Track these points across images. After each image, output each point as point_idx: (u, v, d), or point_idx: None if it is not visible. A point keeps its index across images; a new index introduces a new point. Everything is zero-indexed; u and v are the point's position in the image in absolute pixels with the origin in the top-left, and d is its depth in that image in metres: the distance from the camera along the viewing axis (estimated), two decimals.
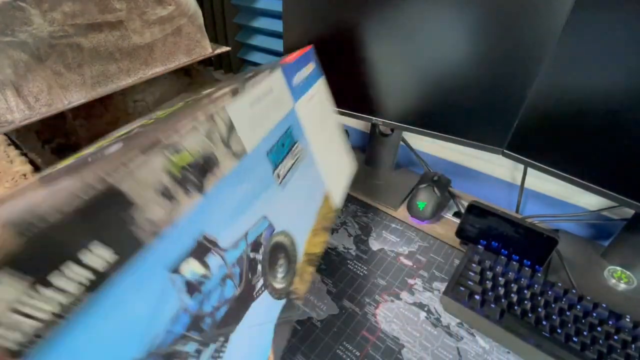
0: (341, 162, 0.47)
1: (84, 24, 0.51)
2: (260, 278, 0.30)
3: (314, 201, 0.39)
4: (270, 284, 0.31)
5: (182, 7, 0.67)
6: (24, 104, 0.49)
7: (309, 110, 0.43)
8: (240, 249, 0.28)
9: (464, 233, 0.58)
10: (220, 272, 0.26)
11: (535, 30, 0.45)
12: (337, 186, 0.43)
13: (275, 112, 0.37)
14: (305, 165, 0.40)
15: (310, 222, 0.38)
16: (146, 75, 0.65)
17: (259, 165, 0.32)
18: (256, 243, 0.30)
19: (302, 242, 0.36)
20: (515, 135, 0.53)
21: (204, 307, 0.24)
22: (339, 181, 0.44)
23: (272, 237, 0.32)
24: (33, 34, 0.46)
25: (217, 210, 0.26)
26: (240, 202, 0.29)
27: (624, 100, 0.42)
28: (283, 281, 0.33)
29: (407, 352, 0.44)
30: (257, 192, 0.31)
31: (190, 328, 0.22)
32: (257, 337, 0.29)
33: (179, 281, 0.22)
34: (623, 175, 0.46)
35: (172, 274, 0.21)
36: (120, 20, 0.56)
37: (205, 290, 0.24)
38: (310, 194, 0.39)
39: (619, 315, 0.43)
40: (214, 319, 0.24)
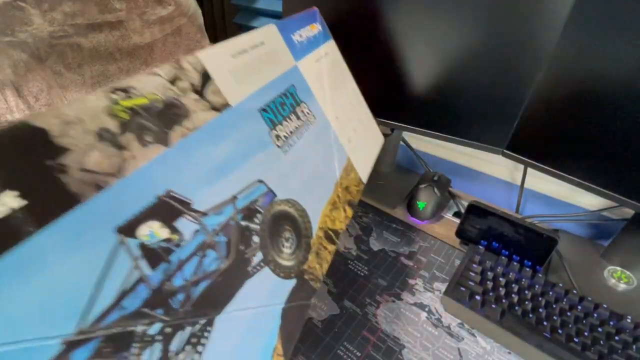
0: (366, 133, 0.43)
1: (84, 24, 0.51)
2: (257, 251, 0.26)
3: (331, 170, 0.36)
4: (273, 259, 0.27)
5: (182, 7, 0.67)
6: (24, 104, 0.49)
7: (318, 72, 0.41)
8: (226, 215, 0.24)
9: (464, 233, 0.58)
10: (197, 239, 0.22)
11: (535, 30, 0.45)
12: (362, 158, 0.39)
13: (270, 67, 0.34)
14: (318, 130, 0.36)
15: (326, 193, 0.34)
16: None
17: (248, 122, 0.29)
18: (250, 210, 0.27)
19: (317, 215, 0.32)
20: (515, 135, 0.53)
21: (173, 280, 0.20)
22: (364, 153, 0.40)
23: (272, 205, 0.28)
24: (33, 34, 0.46)
25: (190, 167, 0.23)
26: (224, 160, 0.26)
27: (624, 100, 0.42)
28: (292, 257, 0.29)
29: (408, 353, 0.44)
30: (248, 153, 0.28)
31: (152, 304, 0.18)
32: (257, 322, 0.24)
33: (132, 245, 0.18)
34: (623, 175, 0.46)
35: (121, 236, 0.18)
36: (120, 20, 0.56)
37: (174, 259, 0.20)
38: (326, 162, 0.36)
39: (619, 316, 0.43)
40: (188, 296, 0.20)
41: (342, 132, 0.40)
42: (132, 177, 0.19)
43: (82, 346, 0.15)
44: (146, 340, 0.17)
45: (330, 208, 0.34)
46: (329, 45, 0.46)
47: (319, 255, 0.31)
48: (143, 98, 0.22)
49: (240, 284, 0.24)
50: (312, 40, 0.42)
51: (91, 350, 0.15)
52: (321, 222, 0.32)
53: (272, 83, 0.34)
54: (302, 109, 0.36)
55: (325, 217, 0.33)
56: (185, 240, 0.21)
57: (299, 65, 0.38)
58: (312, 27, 0.44)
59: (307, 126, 0.36)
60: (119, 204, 0.18)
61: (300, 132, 0.35)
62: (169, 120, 0.23)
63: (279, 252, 0.28)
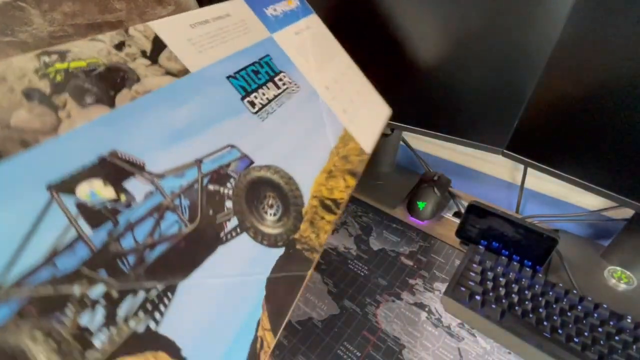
0: (367, 104, 0.42)
1: (84, 24, 0.51)
2: (231, 216, 0.25)
3: (323, 139, 0.34)
4: (252, 225, 0.26)
5: (182, 7, 0.67)
6: None
7: (299, 44, 0.40)
8: (188, 178, 0.24)
9: (464, 233, 0.58)
10: (151, 201, 0.21)
11: (535, 30, 0.45)
12: (362, 129, 0.38)
13: (238, 38, 0.34)
14: (302, 99, 0.36)
15: (319, 161, 0.33)
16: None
17: (214, 88, 0.29)
18: (219, 174, 0.26)
19: (308, 183, 0.31)
20: (515, 135, 0.53)
21: (122, 241, 0.19)
22: (365, 124, 0.39)
23: (248, 171, 0.28)
24: (33, 34, 0.46)
25: (141, 129, 0.22)
26: (183, 124, 0.25)
27: (624, 100, 0.42)
28: (278, 225, 0.27)
29: (408, 353, 0.44)
30: (215, 118, 0.27)
31: (93, 265, 0.17)
32: (235, 291, 0.22)
33: (68, 203, 0.17)
34: (623, 175, 0.46)
35: (56, 192, 0.17)
36: (120, 20, 0.55)
37: (122, 220, 0.19)
38: (315, 131, 0.35)
39: (620, 316, 0.43)
40: (141, 259, 0.19)
41: (334, 103, 0.39)
42: (67, 135, 0.19)
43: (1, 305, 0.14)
44: (85, 303, 0.16)
45: (325, 177, 0.32)
46: (310, 19, 0.46)
47: (313, 225, 0.29)
48: (80, 61, 0.21)
49: (210, 249, 0.23)
50: (288, 13, 0.42)
51: (12, 310, 0.14)
52: (315, 191, 0.31)
53: (242, 52, 0.33)
54: (281, 77, 0.36)
55: (320, 185, 0.32)
56: (137, 202, 0.20)
57: (274, 37, 0.38)
58: (289, 2, 0.44)
59: (289, 95, 0.35)
60: (51, 162, 0.18)
61: (280, 100, 0.34)
62: (115, 83, 0.23)
63: (259, 219, 0.27)
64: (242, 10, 0.38)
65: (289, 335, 0.46)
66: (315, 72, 0.40)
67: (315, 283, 0.53)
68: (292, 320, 0.48)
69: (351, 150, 0.37)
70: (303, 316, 0.48)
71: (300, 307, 0.49)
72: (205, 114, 0.27)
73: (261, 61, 0.35)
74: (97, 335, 0.16)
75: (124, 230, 0.19)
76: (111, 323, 0.17)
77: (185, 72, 0.27)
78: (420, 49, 0.54)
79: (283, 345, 0.45)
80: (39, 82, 0.19)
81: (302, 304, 0.50)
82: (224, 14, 0.34)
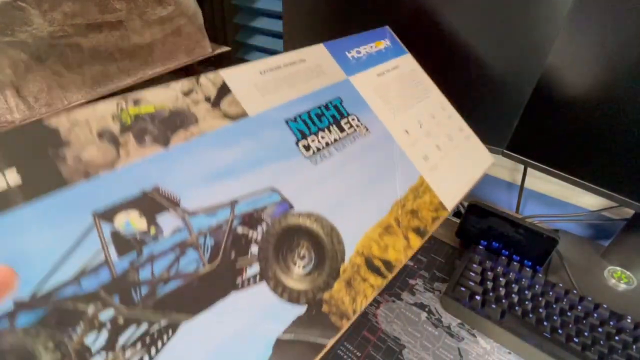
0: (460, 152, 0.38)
1: (84, 24, 0.51)
2: (254, 263, 0.24)
3: (388, 189, 0.31)
4: (275, 275, 0.24)
5: (182, 7, 0.67)
6: (24, 104, 0.49)
7: (380, 85, 0.38)
8: (219, 218, 0.23)
9: (464, 233, 0.58)
10: (178, 236, 0.21)
11: (536, 30, 0.45)
12: (447, 180, 0.35)
13: (308, 82, 0.33)
14: (371, 143, 0.33)
15: (376, 213, 0.29)
16: (146, 75, 0.65)
17: (270, 131, 0.28)
18: (252, 217, 0.25)
19: (356, 236, 0.28)
20: (515, 135, 0.53)
21: (140, 272, 0.19)
22: (452, 175, 0.35)
23: (286, 216, 0.26)
24: (33, 34, 0.46)
25: (185, 167, 0.23)
26: (229, 164, 0.25)
27: (624, 100, 0.42)
28: (305, 279, 0.25)
29: (408, 353, 0.44)
30: (263, 160, 0.27)
31: (110, 290, 0.18)
32: (238, 343, 0.21)
33: (106, 230, 0.19)
34: (623, 175, 0.46)
35: (98, 219, 0.19)
36: (120, 20, 0.56)
37: (146, 251, 0.20)
38: (380, 178, 0.32)
39: (620, 316, 0.43)
40: (153, 292, 0.19)
41: (414, 148, 0.36)
42: (121, 170, 0.21)
43: (31, 311, 0.16)
44: (94, 324, 0.17)
45: (380, 232, 0.29)
46: (402, 59, 0.44)
47: (351, 286, 0.26)
48: (150, 106, 0.24)
49: (223, 294, 0.22)
50: (374, 55, 0.41)
51: (37, 317, 0.16)
52: (362, 247, 0.28)
53: (309, 95, 0.32)
54: (349, 121, 0.34)
55: (371, 241, 0.28)
56: (164, 236, 0.21)
57: (351, 79, 0.37)
58: (378, 43, 0.43)
59: (354, 138, 0.33)
60: (102, 193, 0.20)
61: (342, 143, 0.32)
62: (173, 125, 0.24)
63: (285, 269, 0.25)
64: (319, 54, 0.36)
65: None
66: (395, 115, 0.38)
67: None
68: None
69: (424, 205, 0.33)
70: None
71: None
72: (253, 156, 0.27)
73: (328, 104, 0.34)
74: (95, 357, 0.17)
75: (145, 262, 0.20)
76: (110, 348, 0.17)
77: (242, 115, 0.28)
78: (420, 50, 0.54)
79: None
80: (112, 124, 0.22)
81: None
82: (299, 59, 0.34)
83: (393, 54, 0.44)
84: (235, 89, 0.28)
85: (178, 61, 0.72)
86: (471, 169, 0.38)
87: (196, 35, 0.76)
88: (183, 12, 0.68)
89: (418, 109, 0.40)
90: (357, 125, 0.34)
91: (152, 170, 0.22)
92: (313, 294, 0.25)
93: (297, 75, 0.33)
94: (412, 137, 0.37)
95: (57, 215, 0.18)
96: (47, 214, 0.18)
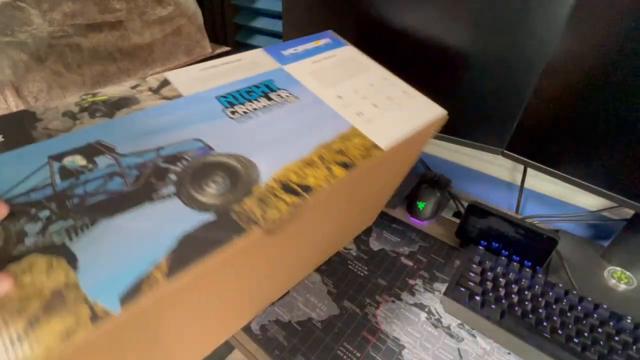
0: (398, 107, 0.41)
1: (84, 24, 0.51)
2: (170, 186, 0.28)
3: (314, 137, 0.34)
4: (188, 193, 0.28)
5: (182, 7, 0.67)
6: (24, 104, 0.49)
7: (314, 69, 0.43)
8: (145, 158, 0.29)
9: (464, 233, 0.58)
10: (109, 169, 0.28)
11: (535, 30, 0.45)
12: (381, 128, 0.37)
13: (243, 72, 0.39)
14: (299, 106, 0.37)
15: (297, 153, 0.33)
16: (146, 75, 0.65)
17: (199, 104, 0.34)
18: (175, 157, 0.30)
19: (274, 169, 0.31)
20: (515, 135, 0.53)
21: (75, 190, 0.27)
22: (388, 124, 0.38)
23: (205, 156, 0.31)
24: (33, 34, 0.46)
25: (124, 129, 0.31)
26: (160, 125, 0.32)
27: (624, 99, 0.42)
28: (216, 197, 0.29)
29: (408, 353, 0.44)
30: (192, 122, 0.33)
31: (50, 200, 0.26)
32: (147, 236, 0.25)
33: (55, 165, 0.27)
34: (623, 175, 0.46)
35: (52, 160, 0.28)
36: (120, 20, 0.56)
37: (82, 178, 0.27)
38: (306, 129, 0.35)
39: (619, 316, 0.43)
40: (82, 202, 0.26)
41: (346, 108, 0.39)
42: (74, 133, 0.30)
43: None
44: (34, 219, 0.24)
45: (301, 165, 0.32)
46: (340, 49, 0.47)
47: (263, 202, 0.29)
48: (105, 96, 0.33)
49: (139, 203, 0.27)
50: (311, 50, 0.45)
51: None
52: (280, 175, 0.31)
53: (242, 80, 0.38)
54: (280, 93, 0.38)
55: (290, 172, 0.31)
56: (98, 168, 0.28)
57: (285, 67, 0.41)
58: (316, 42, 0.47)
59: (282, 104, 0.37)
60: (58, 145, 0.28)
61: (269, 109, 0.36)
62: (119, 105, 0.32)
63: (198, 189, 0.28)
64: (257, 54, 0.42)
65: (288, 335, 0.46)
66: (328, 87, 0.41)
67: (315, 283, 0.53)
68: (292, 321, 0.48)
69: (353, 145, 0.35)
70: (303, 316, 0.48)
71: (300, 307, 0.49)
72: (183, 119, 0.33)
73: (260, 84, 0.38)
74: (29, 238, 0.24)
75: (80, 184, 0.27)
76: (42, 234, 0.24)
77: (179, 96, 0.34)
78: (420, 50, 0.54)
79: (283, 345, 0.45)
80: (73, 107, 0.32)
81: (302, 304, 0.50)
82: (236, 59, 0.40)
83: (331, 47, 0.47)
84: (174, 81, 0.36)
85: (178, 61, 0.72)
86: (414, 119, 0.40)
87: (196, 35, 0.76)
88: (183, 12, 0.68)
89: (354, 81, 0.43)
90: (286, 95, 0.38)
91: (97, 131, 0.30)
92: (223, 207, 0.28)
93: (233, 69, 0.39)
94: (346, 100, 0.40)
95: (24, 158, 0.27)
96: (18, 157, 0.27)
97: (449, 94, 0.56)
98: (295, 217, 0.30)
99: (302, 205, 0.30)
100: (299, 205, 0.29)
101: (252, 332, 0.46)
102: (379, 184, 0.46)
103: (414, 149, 0.45)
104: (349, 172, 0.33)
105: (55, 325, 0.20)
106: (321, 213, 0.36)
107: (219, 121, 0.33)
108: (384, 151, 0.36)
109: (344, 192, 0.37)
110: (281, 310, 0.49)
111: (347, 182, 0.34)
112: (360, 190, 0.41)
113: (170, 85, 0.35)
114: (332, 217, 0.41)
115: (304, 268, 0.50)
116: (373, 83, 0.44)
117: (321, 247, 0.48)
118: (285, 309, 0.49)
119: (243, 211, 0.28)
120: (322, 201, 0.33)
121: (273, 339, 0.46)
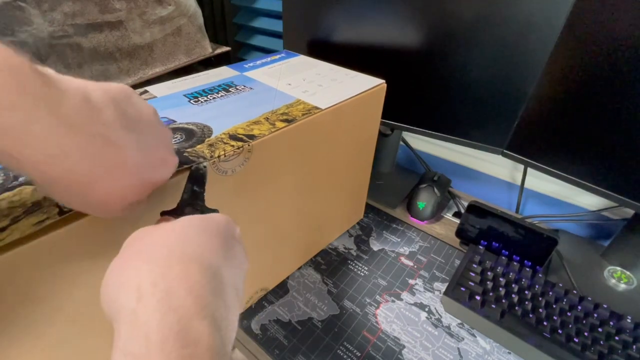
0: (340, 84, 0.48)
1: (84, 24, 0.51)
2: None
3: (259, 108, 0.41)
4: None
5: (182, 7, 0.67)
6: None
7: (269, 72, 0.51)
8: None
9: (464, 233, 0.58)
10: None
11: (536, 30, 0.45)
12: (322, 97, 0.44)
13: (208, 80, 0.47)
14: (252, 93, 0.44)
15: (246, 117, 0.39)
16: (146, 75, 0.65)
17: (169, 100, 0.41)
18: None
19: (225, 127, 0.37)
20: (515, 135, 0.53)
21: None
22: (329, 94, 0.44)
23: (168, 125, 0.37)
24: (33, 34, 0.46)
25: None
26: None
27: (624, 99, 0.42)
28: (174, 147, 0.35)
29: (408, 353, 0.44)
30: (161, 109, 0.38)
31: None
32: None
33: None
34: (623, 175, 0.46)
35: None
36: (120, 20, 0.56)
37: None
38: (255, 105, 0.41)
39: (619, 316, 0.43)
40: None
41: (294, 90, 0.46)
42: None
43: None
44: None
45: (248, 124, 0.38)
46: (293, 58, 0.56)
47: (213, 146, 0.34)
48: None
49: None
50: (267, 62, 0.54)
51: None
52: (229, 130, 0.36)
53: (206, 85, 0.45)
54: (237, 87, 0.45)
55: (238, 127, 0.37)
56: None
57: (244, 73, 0.50)
58: (273, 57, 0.56)
59: (237, 93, 0.44)
60: None
61: (226, 96, 0.43)
62: None
63: None
64: (222, 70, 0.50)
65: (289, 335, 0.46)
66: (278, 80, 0.48)
67: (315, 283, 0.53)
68: (292, 320, 0.48)
69: (296, 109, 0.41)
70: (303, 316, 0.48)
71: (300, 307, 0.49)
72: None
73: (221, 84, 0.46)
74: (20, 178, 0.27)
75: None
76: None
77: (153, 97, 0.42)
78: (420, 50, 0.54)
79: (283, 345, 0.45)
80: None
81: (302, 304, 0.50)
82: (203, 74, 0.49)
83: (285, 58, 0.56)
84: (151, 90, 0.43)
85: (178, 61, 0.73)
86: (353, 89, 0.46)
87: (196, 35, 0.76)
88: (183, 12, 0.68)
89: (304, 73, 0.51)
90: (242, 88, 0.45)
91: None
92: (178, 150, 0.32)
93: (201, 79, 0.47)
94: (294, 85, 0.47)
95: None
96: None
97: (449, 94, 0.56)
98: (240, 155, 0.35)
99: (245, 147, 0.35)
100: (244, 147, 0.35)
101: (253, 332, 0.46)
102: (337, 151, 0.48)
103: (360, 116, 0.49)
104: (290, 125, 0.38)
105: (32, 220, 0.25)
106: (279, 163, 0.40)
107: (183, 107, 0.40)
108: (323, 110, 0.41)
109: (297, 147, 0.41)
110: (281, 309, 0.49)
111: (292, 134, 0.39)
112: (315, 149, 0.44)
113: (147, 92, 0.43)
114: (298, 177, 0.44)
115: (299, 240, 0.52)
116: (320, 72, 0.51)
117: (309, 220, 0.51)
118: (286, 308, 0.49)
119: (194, 151, 0.33)
120: (271, 148, 0.38)
121: (273, 338, 0.46)
